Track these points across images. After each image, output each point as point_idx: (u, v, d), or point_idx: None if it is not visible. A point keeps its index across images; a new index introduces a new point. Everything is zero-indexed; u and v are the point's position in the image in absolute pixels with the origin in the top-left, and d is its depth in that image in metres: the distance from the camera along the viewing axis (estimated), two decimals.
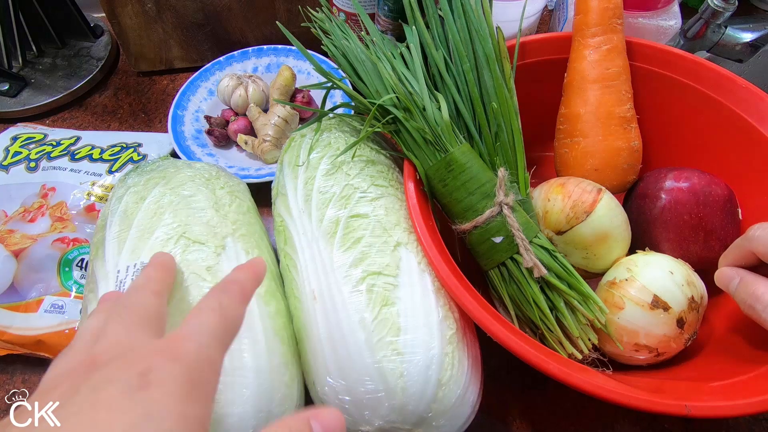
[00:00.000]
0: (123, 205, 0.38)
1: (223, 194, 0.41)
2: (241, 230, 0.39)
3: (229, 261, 0.36)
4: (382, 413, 0.31)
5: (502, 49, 0.39)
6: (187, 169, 0.41)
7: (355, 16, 0.59)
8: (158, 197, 0.37)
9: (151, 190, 0.38)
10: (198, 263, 0.34)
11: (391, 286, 0.33)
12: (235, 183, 0.44)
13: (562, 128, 0.46)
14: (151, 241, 0.34)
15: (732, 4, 0.51)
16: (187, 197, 0.38)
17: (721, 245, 0.40)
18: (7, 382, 0.45)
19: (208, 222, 0.37)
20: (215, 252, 0.35)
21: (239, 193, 0.43)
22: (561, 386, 0.30)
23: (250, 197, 0.45)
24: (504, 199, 0.35)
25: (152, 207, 0.37)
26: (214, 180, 0.42)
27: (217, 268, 0.34)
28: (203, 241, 0.35)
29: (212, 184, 0.41)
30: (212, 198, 0.39)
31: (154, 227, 0.35)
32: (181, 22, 0.64)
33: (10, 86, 0.64)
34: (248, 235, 0.39)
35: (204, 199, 0.39)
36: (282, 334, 0.35)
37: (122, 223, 0.36)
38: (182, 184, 0.39)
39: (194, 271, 0.34)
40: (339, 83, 0.42)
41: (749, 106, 0.42)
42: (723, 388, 0.33)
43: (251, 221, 0.41)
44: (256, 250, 0.38)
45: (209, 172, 0.42)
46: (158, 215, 0.36)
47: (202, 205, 0.38)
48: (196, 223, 0.36)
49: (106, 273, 0.34)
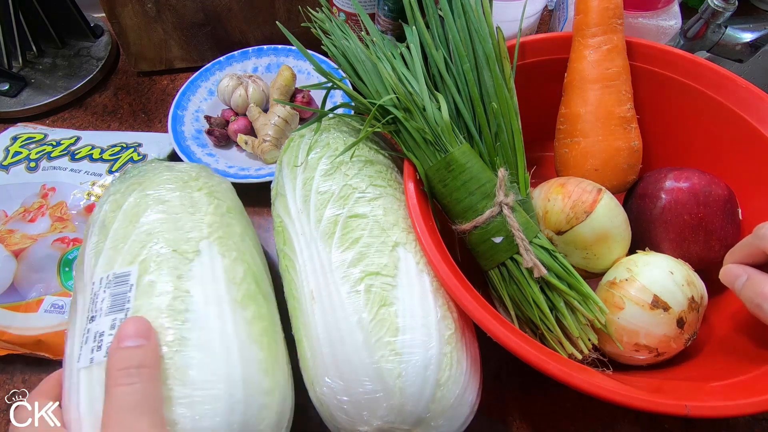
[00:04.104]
0: (102, 214, 0.37)
1: (200, 196, 0.39)
2: (218, 233, 0.37)
3: (202, 266, 0.34)
4: (381, 413, 0.31)
5: (502, 49, 0.39)
6: (165, 173, 0.40)
7: (355, 16, 0.59)
8: (133, 204, 0.37)
9: (128, 197, 0.37)
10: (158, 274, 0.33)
11: (389, 286, 0.33)
12: (215, 183, 0.43)
13: (562, 128, 0.46)
14: (124, 252, 0.34)
15: (732, 4, 0.51)
16: (162, 202, 0.37)
17: (721, 245, 0.40)
18: (7, 382, 0.45)
19: (182, 227, 0.36)
20: (187, 258, 0.34)
21: (219, 193, 0.42)
22: (561, 386, 0.30)
23: (233, 197, 0.44)
24: (504, 199, 0.35)
25: (127, 215, 0.36)
26: (192, 182, 0.40)
27: (189, 275, 0.33)
28: (175, 248, 0.34)
29: (189, 186, 0.40)
30: (188, 201, 0.38)
31: (128, 236, 0.35)
32: (181, 22, 0.64)
33: (10, 86, 0.64)
34: (226, 237, 0.37)
35: (179, 203, 0.37)
36: (261, 340, 0.33)
37: (100, 234, 0.36)
38: (157, 189, 0.38)
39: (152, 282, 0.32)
40: (339, 83, 0.42)
41: (749, 106, 0.41)
42: (723, 388, 0.33)
43: (231, 222, 0.40)
44: (233, 252, 0.37)
45: (188, 173, 0.41)
46: (132, 223, 0.35)
47: (176, 209, 0.37)
48: (169, 230, 0.35)
49: (84, 285, 0.34)
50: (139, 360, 0.27)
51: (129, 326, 0.29)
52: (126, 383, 0.27)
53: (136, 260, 0.33)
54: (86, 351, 0.30)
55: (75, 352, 0.31)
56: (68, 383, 0.30)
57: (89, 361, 0.30)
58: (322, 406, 0.34)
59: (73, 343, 0.32)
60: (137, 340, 0.28)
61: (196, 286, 0.33)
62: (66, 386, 0.30)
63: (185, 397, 0.29)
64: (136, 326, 0.29)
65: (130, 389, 0.26)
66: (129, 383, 0.26)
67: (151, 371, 0.28)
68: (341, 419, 0.32)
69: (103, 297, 0.32)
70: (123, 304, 0.31)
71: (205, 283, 0.33)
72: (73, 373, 0.30)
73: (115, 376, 0.27)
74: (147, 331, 0.29)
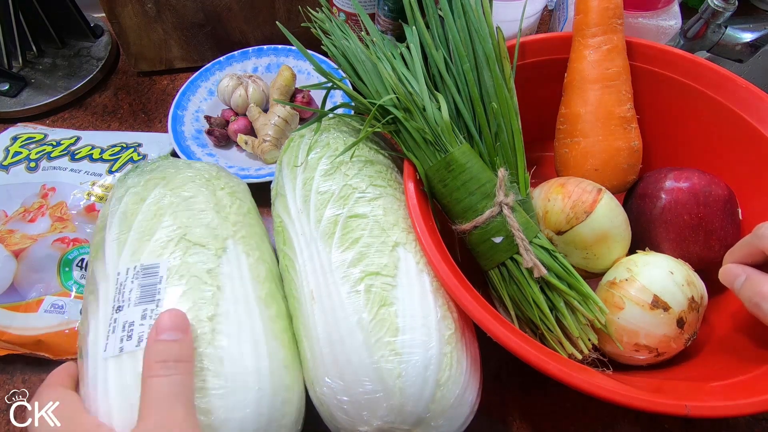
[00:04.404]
0: (123, 206, 0.37)
1: (223, 195, 0.40)
2: (242, 232, 0.38)
3: (230, 263, 0.35)
4: (381, 414, 0.31)
5: (502, 49, 0.39)
6: (187, 170, 0.41)
7: (355, 16, 0.59)
8: (158, 198, 0.37)
9: (151, 191, 0.38)
10: (198, 266, 0.34)
11: (389, 286, 0.33)
12: (235, 183, 0.44)
13: (562, 128, 0.46)
14: (152, 243, 0.34)
15: (732, 4, 0.51)
16: (188, 198, 0.38)
17: (721, 245, 0.40)
18: (7, 382, 0.45)
19: (209, 224, 0.37)
20: (216, 254, 0.35)
21: (240, 193, 0.43)
22: (561, 386, 0.30)
23: (250, 198, 0.45)
24: (504, 199, 0.35)
25: (152, 208, 0.37)
26: (214, 180, 0.41)
27: (217, 271, 0.34)
28: (204, 244, 0.35)
29: (213, 185, 0.41)
30: (213, 199, 0.39)
31: (154, 229, 0.35)
32: (181, 22, 0.64)
33: (10, 86, 0.64)
34: (249, 237, 0.39)
35: (204, 201, 0.38)
36: (282, 337, 0.35)
37: (122, 225, 0.36)
38: (183, 184, 0.39)
39: (195, 274, 0.33)
40: (339, 83, 0.42)
41: (749, 106, 0.41)
42: (723, 388, 0.33)
43: (252, 222, 0.41)
44: (256, 251, 0.38)
45: (209, 172, 0.42)
46: (158, 217, 0.36)
47: (202, 206, 0.38)
48: (197, 225, 0.36)
49: (106, 275, 0.34)
50: (176, 354, 0.28)
51: (166, 319, 0.30)
52: (164, 375, 0.27)
53: (165, 252, 0.34)
54: (114, 340, 0.30)
55: (100, 341, 0.31)
56: (92, 372, 0.30)
57: (119, 350, 0.30)
58: (322, 406, 0.34)
59: (97, 332, 0.32)
60: (175, 334, 0.29)
61: (226, 282, 0.34)
62: (89, 375, 0.30)
63: (219, 388, 0.29)
64: (173, 320, 0.30)
65: (167, 381, 0.27)
66: (166, 375, 0.27)
67: (187, 365, 0.29)
68: (341, 419, 0.32)
69: (131, 287, 0.32)
70: (153, 295, 0.32)
71: (233, 279, 0.34)
72: (98, 362, 0.30)
73: (153, 368, 0.28)
74: (184, 324, 0.30)
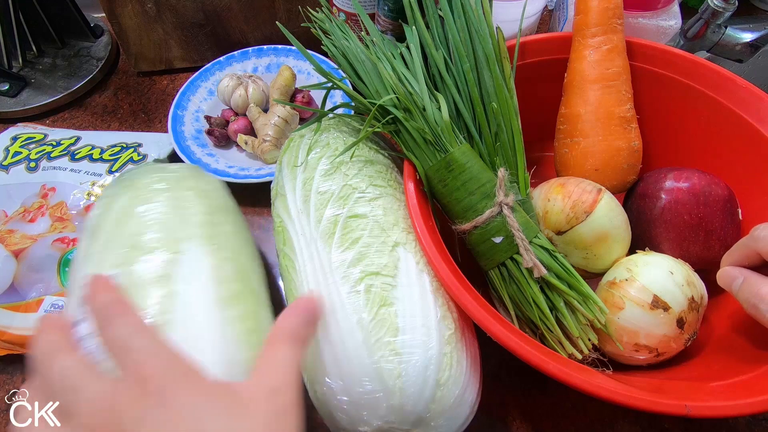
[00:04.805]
0: (94, 220, 0.37)
1: (188, 196, 0.39)
2: (206, 231, 0.37)
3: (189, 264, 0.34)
4: (381, 414, 0.31)
5: (502, 49, 0.39)
6: (153, 174, 0.40)
7: (355, 16, 0.59)
8: (121, 208, 0.37)
9: (117, 200, 0.37)
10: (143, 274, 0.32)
11: (389, 286, 0.33)
12: (204, 182, 0.42)
13: (563, 128, 0.46)
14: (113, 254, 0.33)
15: (732, 4, 0.51)
16: (147, 202, 0.37)
17: (721, 245, 0.40)
18: (7, 382, 0.45)
19: (165, 226, 0.36)
20: (168, 259, 0.34)
21: (210, 191, 0.41)
22: (561, 386, 0.30)
23: (224, 194, 0.43)
24: (504, 199, 0.35)
25: (114, 218, 0.36)
26: (181, 181, 0.40)
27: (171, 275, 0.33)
28: (152, 249, 0.34)
29: (179, 187, 0.39)
30: (173, 202, 0.38)
31: (117, 238, 0.34)
32: (181, 22, 0.64)
33: (10, 86, 0.64)
34: (214, 236, 0.37)
35: (163, 204, 0.37)
36: (249, 340, 0.32)
37: (91, 238, 0.36)
38: (145, 190, 0.38)
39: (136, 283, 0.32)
40: (339, 83, 0.42)
41: (749, 106, 0.41)
42: (723, 388, 0.33)
43: (220, 221, 0.39)
44: (224, 251, 0.36)
45: (177, 173, 0.41)
46: (119, 226, 0.35)
47: (161, 209, 0.37)
48: (151, 231, 0.35)
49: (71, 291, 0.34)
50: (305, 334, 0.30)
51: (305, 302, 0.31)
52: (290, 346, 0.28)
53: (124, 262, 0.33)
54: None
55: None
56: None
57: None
58: (322, 406, 0.34)
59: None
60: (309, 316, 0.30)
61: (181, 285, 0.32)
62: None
63: None
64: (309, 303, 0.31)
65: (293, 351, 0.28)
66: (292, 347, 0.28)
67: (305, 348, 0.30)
68: (341, 419, 0.32)
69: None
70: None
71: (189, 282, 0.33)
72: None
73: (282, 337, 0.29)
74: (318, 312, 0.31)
